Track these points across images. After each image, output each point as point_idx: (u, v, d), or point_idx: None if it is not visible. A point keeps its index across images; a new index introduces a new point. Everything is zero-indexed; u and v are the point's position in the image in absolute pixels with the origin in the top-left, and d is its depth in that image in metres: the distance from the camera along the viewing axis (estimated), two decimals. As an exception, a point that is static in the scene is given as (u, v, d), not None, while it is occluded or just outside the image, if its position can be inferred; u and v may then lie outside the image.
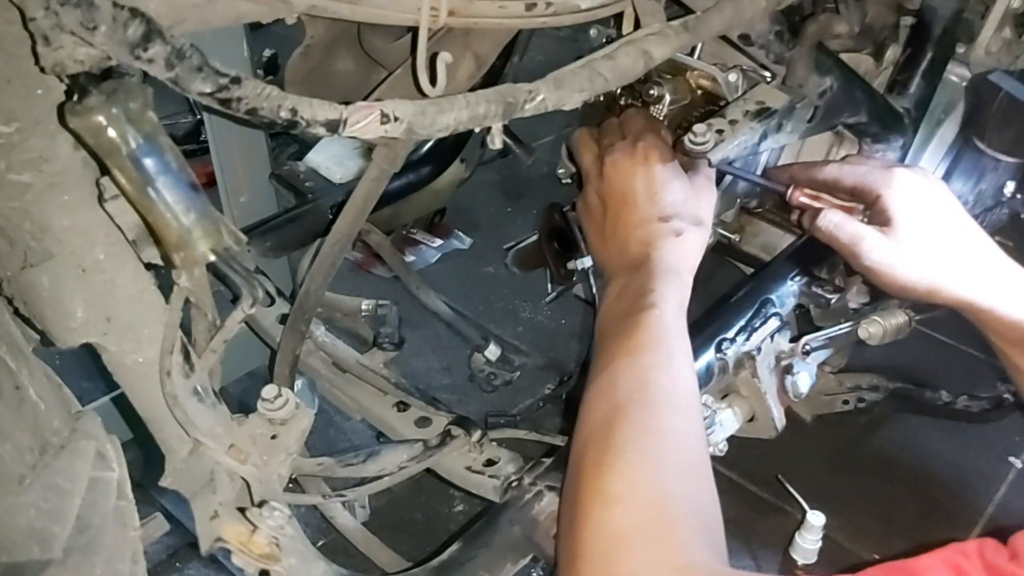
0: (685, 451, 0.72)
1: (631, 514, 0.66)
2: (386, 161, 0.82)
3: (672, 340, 0.78)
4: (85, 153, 0.59)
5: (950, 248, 0.85)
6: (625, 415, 0.71)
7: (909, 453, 1.58)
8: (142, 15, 0.51)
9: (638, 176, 0.86)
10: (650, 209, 0.85)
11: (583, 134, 0.94)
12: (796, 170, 0.94)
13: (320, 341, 1.11)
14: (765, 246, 1.16)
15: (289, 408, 0.73)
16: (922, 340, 1.57)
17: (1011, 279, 0.85)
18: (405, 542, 1.35)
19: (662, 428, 0.72)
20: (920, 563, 0.56)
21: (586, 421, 0.74)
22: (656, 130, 0.90)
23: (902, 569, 0.56)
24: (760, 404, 0.95)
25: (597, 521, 0.66)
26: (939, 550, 0.57)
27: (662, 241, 0.83)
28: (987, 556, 0.55)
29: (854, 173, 0.88)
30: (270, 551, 0.70)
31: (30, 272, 0.62)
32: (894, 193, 0.85)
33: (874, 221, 0.86)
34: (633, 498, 0.67)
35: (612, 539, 0.65)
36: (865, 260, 0.84)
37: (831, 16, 0.91)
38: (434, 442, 0.93)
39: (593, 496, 0.68)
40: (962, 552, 0.56)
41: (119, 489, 0.67)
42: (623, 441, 0.70)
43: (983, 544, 0.56)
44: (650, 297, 0.79)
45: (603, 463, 0.69)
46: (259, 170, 1.49)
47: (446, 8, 0.66)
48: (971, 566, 0.55)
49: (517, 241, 1.14)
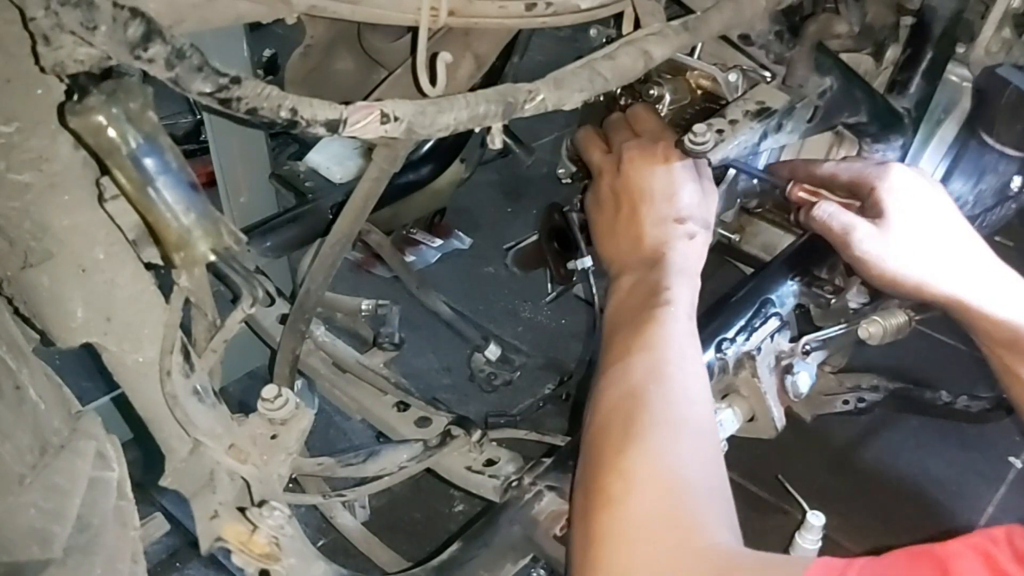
0: (701, 440, 0.73)
1: (652, 499, 0.67)
2: (386, 161, 0.83)
3: (685, 337, 0.79)
4: (85, 153, 0.59)
5: (941, 244, 0.86)
6: (643, 405, 0.72)
7: (909, 453, 1.58)
8: (142, 15, 0.51)
9: (657, 175, 0.87)
10: (667, 209, 0.86)
11: (589, 130, 0.95)
12: (795, 166, 0.97)
13: (320, 341, 1.11)
14: (765, 246, 1.16)
15: (289, 408, 0.74)
16: (922, 340, 1.57)
17: (1000, 279, 0.85)
18: (405, 542, 1.35)
19: (679, 418, 0.73)
20: (947, 548, 0.55)
21: (599, 410, 0.75)
22: (671, 130, 0.90)
23: (928, 554, 0.56)
24: (760, 404, 0.95)
25: (617, 506, 0.67)
26: (967, 536, 0.56)
27: (677, 242, 0.85)
28: (1016, 543, 0.54)
29: (850, 169, 0.91)
30: (270, 551, 0.70)
31: (30, 272, 0.62)
32: (888, 186, 0.87)
33: (867, 214, 0.87)
34: (654, 484, 0.67)
35: (633, 524, 0.66)
36: (855, 250, 0.86)
37: (831, 16, 0.91)
38: (434, 442, 0.93)
39: (613, 482, 0.68)
40: (991, 538, 0.55)
41: (119, 489, 0.67)
42: (642, 429, 0.70)
43: (1012, 531, 0.55)
44: (665, 295, 0.80)
45: (622, 450, 0.69)
46: (259, 170, 1.49)
47: (446, 8, 0.66)
48: (1000, 553, 0.54)
49: (517, 241, 1.14)
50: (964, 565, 0.54)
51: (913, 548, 0.57)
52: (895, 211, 0.85)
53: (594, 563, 0.66)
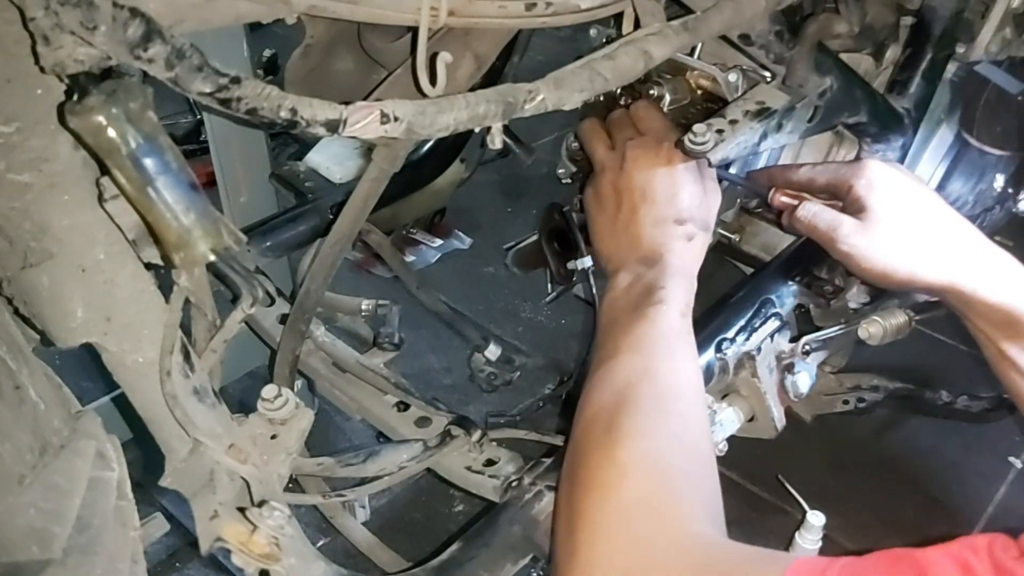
0: (687, 432, 0.74)
1: (632, 487, 0.67)
2: (386, 161, 0.83)
3: (678, 337, 0.80)
4: (85, 153, 0.59)
5: (928, 232, 0.86)
6: (629, 401, 0.73)
7: (909, 453, 1.58)
8: (142, 15, 0.51)
9: (660, 175, 0.87)
10: (668, 210, 0.86)
11: (594, 125, 0.96)
12: (775, 172, 0.98)
13: (320, 341, 1.11)
14: (765, 246, 1.16)
15: (289, 408, 0.74)
16: (922, 340, 1.57)
17: (993, 260, 0.86)
18: (405, 542, 1.36)
19: (665, 411, 0.73)
20: (927, 556, 0.55)
21: (588, 406, 0.75)
22: (675, 129, 0.91)
23: (909, 559, 0.56)
24: (760, 404, 0.95)
25: (598, 494, 0.68)
26: (948, 544, 0.56)
27: (676, 243, 0.85)
28: (996, 553, 0.54)
29: (826, 170, 0.93)
30: (270, 551, 0.70)
31: (30, 272, 0.62)
32: (865, 182, 0.87)
33: (849, 211, 0.88)
34: (635, 472, 0.68)
35: (614, 511, 0.66)
36: (843, 245, 0.86)
37: (831, 16, 0.91)
38: (434, 442, 0.93)
39: (595, 471, 0.69)
40: (971, 547, 0.55)
41: (119, 489, 0.67)
42: (626, 422, 0.71)
43: (994, 540, 0.55)
44: (660, 294, 0.80)
45: (606, 442, 0.70)
46: (259, 170, 1.49)
47: (446, 8, 0.66)
48: (979, 563, 0.54)
49: (517, 241, 1.14)
50: (942, 573, 0.54)
51: (895, 551, 0.57)
52: (876, 204, 0.86)
53: (576, 550, 0.66)
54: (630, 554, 0.64)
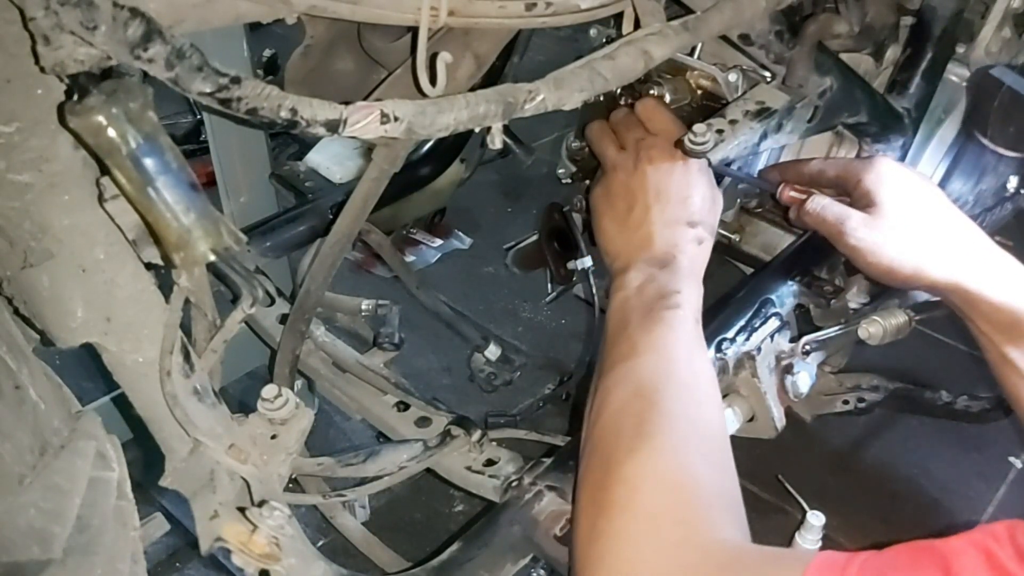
0: (710, 438, 0.74)
1: (659, 495, 0.67)
2: (386, 161, 0.82)
3: (694, 342, 0.80)
4: (85, 153, 0.59)
5: (935, 229, 0.86)
6: (652, 404, 0.73)
7: (909, 453, 1.58)
8: (142, 15, 0.51)
9: (675, 176, 0.87)
10: (681, 212, 0.86)
11: (602, 125, 0.95)
12: (784, 168, 0.98)
13: (320, 341, 1.11)
14: (765, 246, 1.16)
15: (289, 408, 0.73)
16: (922, 340, 1.57)
17: (998, 262, 0.86)
18: (405, 542, 1.35)
19: (688, 416, 0.73)
20: (949, 545, 0.55)
21: (607, 407, 0.75)
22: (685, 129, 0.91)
23: (930, 550, 0.56)
24: (760, 404, 0.95)
25: (625, 502, 0.67)
26: (968, 532, 0.56)
27: (688, 246, 0.85)
28: (1018, 540, 0.54)
29: (836, 164, 0.93)
30: (270, 551, 0.70)
31: (30, 272, 0.62)
32: (874, 177, 0.88)
33: (858, 206, 0.88)
34: (662, 480, 0.68)
35: (640, 519, 0.66)
36: (850, 238, 0.86)
37: (831, 16, 0.91)
38: (434, 442, 0.93)
39: (621, 479, 0.69)
40: (992, 535, 0.55)
41: (119, 489, 0.67)
42: (651, 427, 0.71)
43: (1014, 527, 0.55)
44: (676, 298, 0.80)
45: (632, 448, 0.70)
46: (259, 170, 1.49)
47: (446, 8, 0.66)
48: (1001, 550, 0.54)
49: (517, 241, 1.14)
50: (966, 562, 0.54)
51: (916, 543, 0.57)
52: (886, 200, 0.86)
53: (600, 558, 0.66)
54: (656, 562, 0.63)
